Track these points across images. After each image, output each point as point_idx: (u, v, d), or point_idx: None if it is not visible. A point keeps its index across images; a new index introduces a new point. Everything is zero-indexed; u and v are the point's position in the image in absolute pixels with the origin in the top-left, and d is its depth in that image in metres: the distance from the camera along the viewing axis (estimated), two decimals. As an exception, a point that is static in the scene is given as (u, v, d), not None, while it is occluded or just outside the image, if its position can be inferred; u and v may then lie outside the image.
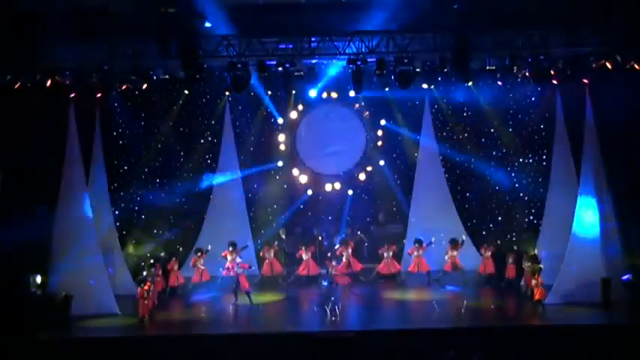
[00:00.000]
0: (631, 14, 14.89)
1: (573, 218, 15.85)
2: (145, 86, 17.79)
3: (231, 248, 17.74)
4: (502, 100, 20.32)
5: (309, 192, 21.88)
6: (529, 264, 16.13)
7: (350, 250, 18.90)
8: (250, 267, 17.65)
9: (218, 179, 20.99)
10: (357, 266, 18.96)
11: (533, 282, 15.45)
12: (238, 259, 16.95)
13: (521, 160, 20.53)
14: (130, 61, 16.21)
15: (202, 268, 18.16)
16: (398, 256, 19.81)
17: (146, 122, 20.73)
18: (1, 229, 15.72)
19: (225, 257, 17.50)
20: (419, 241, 18.91)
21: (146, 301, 15.14)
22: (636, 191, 16.24)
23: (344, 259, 18.74)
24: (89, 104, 17.45)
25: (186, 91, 20.36)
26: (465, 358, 12.27)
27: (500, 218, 20.88)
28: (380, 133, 21.95)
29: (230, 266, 17.02)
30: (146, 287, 15.28)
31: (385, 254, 19.01)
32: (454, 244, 18.56)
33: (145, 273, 16.08)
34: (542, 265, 15.82)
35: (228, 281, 18.37)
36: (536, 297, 15.23)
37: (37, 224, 16.00)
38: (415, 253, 18.86)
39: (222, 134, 21.20)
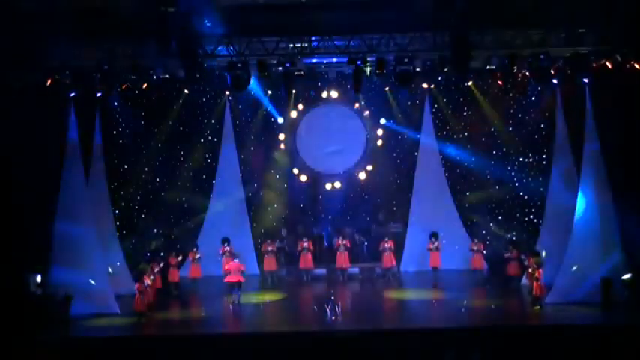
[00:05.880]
0: (631, 14, 14.89)
1: (573, 217, 15.84)
2: (145, 86, 17.79)
3: (226, 244, 18.09)
4: (502, 100, 20.35)
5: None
6: (534, 258, 15.92)
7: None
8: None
9: (219, 169, 21.21)
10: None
11: (535, 274, 15.35)
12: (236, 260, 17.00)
13: (521, 159, 20.59)
14: (130, 60, 16.23)
15: (197, 264, 18.54)
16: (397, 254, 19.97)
17: (146, 122, 20.78)
18: (1, 228, 15.74)
19: (222, 254, 17.91)
20: (434, 235, 18.99)
21: (144, 297, 15.15)
22: (636, 191, 16.23)
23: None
24: (89, 104, 17.44)
25: (186, 91, 20.40)
26: (465, 358, 12.28)
27: (500, 218, 20.92)
28: (380, 132, 21.96)
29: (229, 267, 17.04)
30: (145, 281, 15.30)
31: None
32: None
33: (143, 269, 16.04)
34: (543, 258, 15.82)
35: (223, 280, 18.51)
36: (537, 292, 15.22)
37: (37, 223, 16.01)
38: (431, 246, 18.92)
39: (222, 134, 21.25)
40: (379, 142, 22.00)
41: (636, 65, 15.68)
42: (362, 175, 21.96)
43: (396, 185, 21.89)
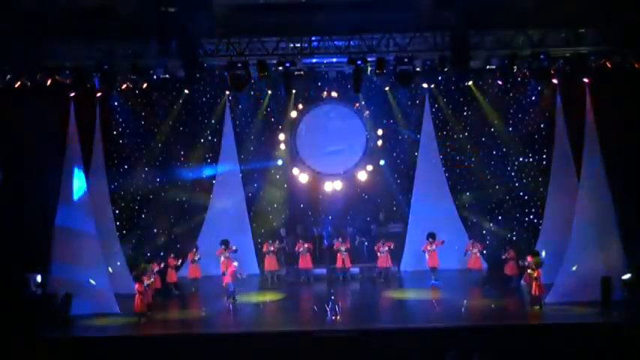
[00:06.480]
0: (631, 14, 14.89)
1: (573, 217, 15.83)
2: (145, 85, 17.82)
3: (223, 247, 18.06)
4: (502, 100, 20.36)
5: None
6: (534, 258, 15.87)
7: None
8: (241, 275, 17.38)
9: (219, 169, 21.22)
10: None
11: (535, 274, 15.33)
12: (235, 263, 16.97)
13: (521, 159, 20.57)
14: (129, 60, 16.22)
15: (196, 264, 18.50)
16: (397, 254, 19.96)
17: (146, 122, 20.77)
18: (1, 228, 15.73)
19: (219, 256, 17.88)
20: (432, 235, 18.96)
21: (143, 297, 15.14)
22: (636, 190, 16.23)
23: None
24: (89, 104, 17.44)
25: (186, 91, 20.40)
26: (465, 358, 12.28)
27: (500, 218, 20.91)
28: (380, 132, 21.95)
29: (227, 269, 16.99)
30: (145, 281, 15.29)
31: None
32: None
33: (143, 269, 16.04)
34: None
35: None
36: (537, 292, 15.21)
37: (37, 223, 16.01)
38: (429, 248, 18.87)
39: (223, 133, 21.26)
40: (379, 142, 21.99)
41: (636, 65, 15.68)
42: (362, 175, 21.94)
43: (396, 185, 21.88)
